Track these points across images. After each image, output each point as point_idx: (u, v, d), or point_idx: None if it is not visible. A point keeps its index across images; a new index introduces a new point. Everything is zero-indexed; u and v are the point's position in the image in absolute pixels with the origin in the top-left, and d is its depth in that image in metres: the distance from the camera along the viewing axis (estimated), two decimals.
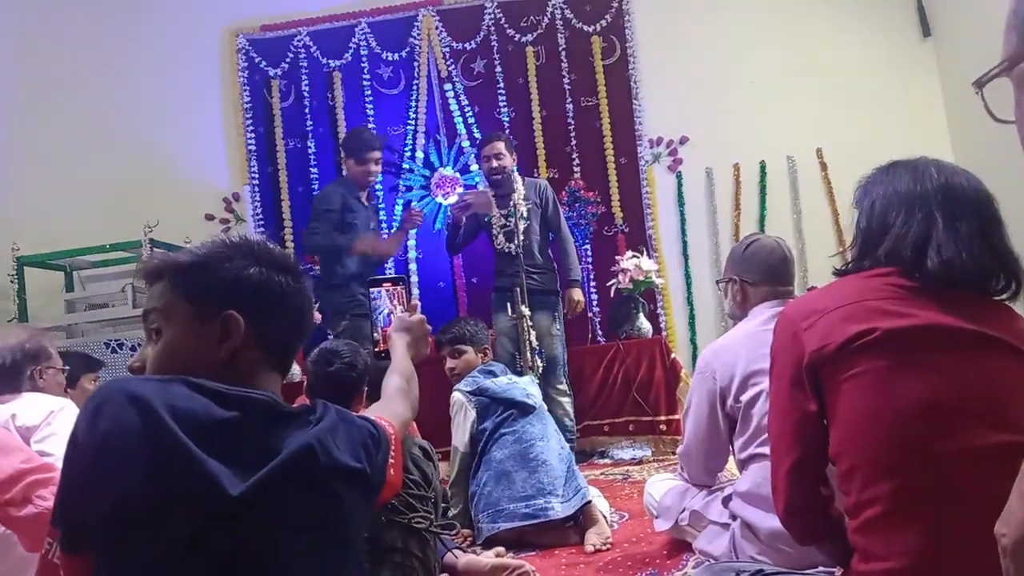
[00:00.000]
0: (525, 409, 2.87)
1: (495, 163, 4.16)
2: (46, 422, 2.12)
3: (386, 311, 1.63)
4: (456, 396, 2.98)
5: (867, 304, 1.38)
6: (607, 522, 2.75)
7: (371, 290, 1.66)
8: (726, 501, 2.16)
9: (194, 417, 0.98)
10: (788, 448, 1.46)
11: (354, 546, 1.13)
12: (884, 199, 1.48)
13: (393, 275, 1.72)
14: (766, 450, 1.99)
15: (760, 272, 2.26)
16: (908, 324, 1.34)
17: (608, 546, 2.57)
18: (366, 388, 2.18)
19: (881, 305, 1.37)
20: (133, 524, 0.98)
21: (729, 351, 2.15)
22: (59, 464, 2.05)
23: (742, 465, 2.11)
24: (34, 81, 5.78)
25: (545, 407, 3.04)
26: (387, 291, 1.66)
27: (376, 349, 1.61)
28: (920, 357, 1.33)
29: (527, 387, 2.98)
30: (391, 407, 1.39)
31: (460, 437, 2.92)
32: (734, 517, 2.11)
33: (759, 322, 2.15)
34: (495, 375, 3.04)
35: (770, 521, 1.96)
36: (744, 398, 2.06)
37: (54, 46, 5.81)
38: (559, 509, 2.66)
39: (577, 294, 4.26)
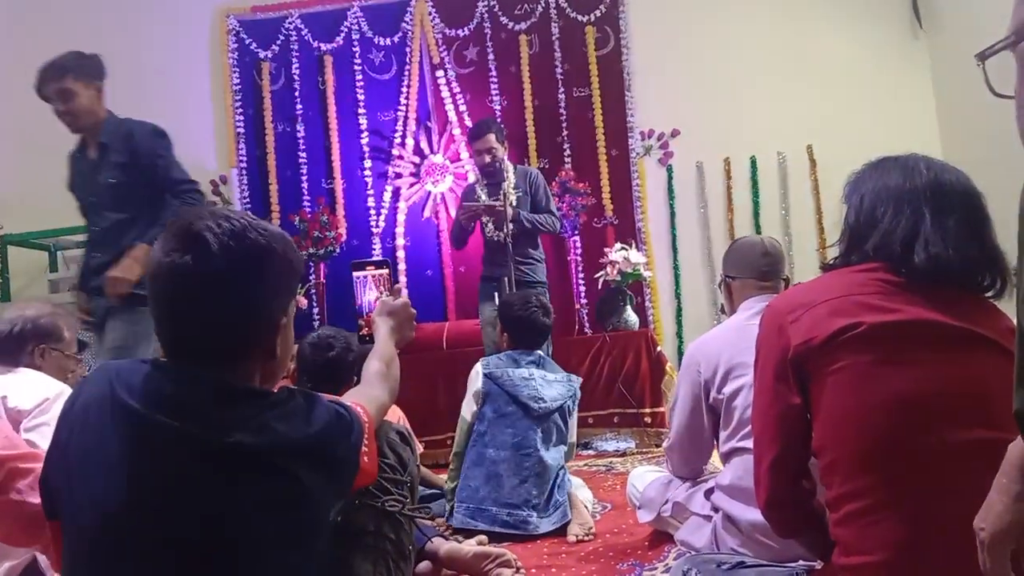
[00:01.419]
0: (528, 411, 2.75)
1: (487, 157, 4.14)
2: (40, 409, 2.02)
3: (371, 296, 1.62)
4: (476, 367, 2.88)
5: (853, 298, 1.38)
6: (589, 512, 2.74)
7: (354, 274, 1.65)
8: (708, 493, 2.16)
9: (143, 389, 1.06)
10: (771, 441, 1.46)
11: (321, 531, 1.13)
12: (873, 194, 1.48)
13: (377, 259, 1.70)
14: (748, 444, 1.99)
15: (743, 268, 2.27)
16: (893, 319, 1.34)
17: (591, 536, 2.57)
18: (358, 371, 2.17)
19: (867, 300, 1.37)
20: (89, 475, 1.04)
21: (713, 345, 2.15)
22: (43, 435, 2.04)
23: (725, 458, 2.12)
24: (20, 59, 5.67)
25: (565, 406, 2.85)
26: (371, 275, 1.64)
27: (360, 333, 1.60)
28: (904, 352, 1.33)
29: (541, 388, 2.79)
30: (369, 392, 1.39)
31: (467, 407, 2.84)
32: (716, 509, 2.11)
33: (744, 316, 2.16)
34: (518, 365, 2.86)
35: (751, 514, 1.96)
36: (727, 391, 2.06)
37: (41, 25, 5.75)
38: (539, 525, 2.64)
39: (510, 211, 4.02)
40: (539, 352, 2.96)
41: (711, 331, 2.25)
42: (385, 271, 1.67)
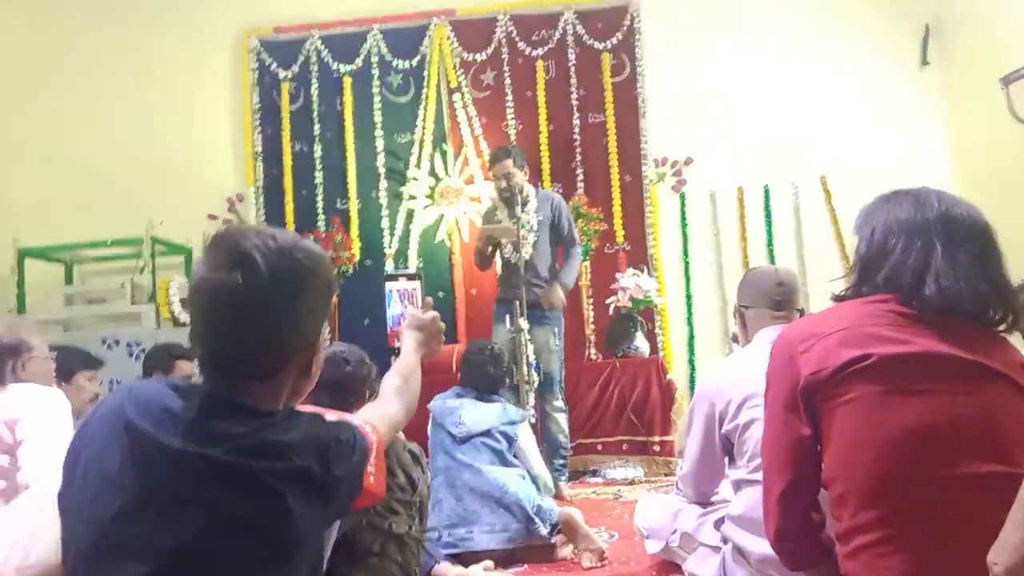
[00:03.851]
0: (452, 436, 2.88)
1: (504, 183, 4.16)
2: (33, 412, 2.13)
3: (398, 308, 1.63)
4: None
5: (864, 330, 1.38)
6: (594, 536, 2.72)
7: (386, 285, 1.66)
8: (718, 524, 2.15)
9: (148, 407, 1.09)
10: (780, 472, 1.45)
11: (306, 554, 1.12)
12: (884, 226, 1.48)
13: (409, 271, 1.71)
14: (759, 475, 1.98)
15: (757, 297, 2.27)
16: (904, 351, 1.34)
17: (605, 562, 2.55)
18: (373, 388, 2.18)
19: (878, 331, 1.37)
20: (82, 480, 1.07)
21: (728, 375, 2.15)
22: (38, 445, 2.07)
23: (736, 487, 2.10)
24: (43, 76, 5.81)
25: (487, 434, 2.93)
26: (400, 289, 1.66)
27: (389, 345, 1.61)
28: (914, 384, 1.33)
29: (463, 415, 2.94)
30: (383, 409, 1.38)
31: None
32: (725, 540, 2.09)
33: (757, 347, 2.15)
34: (461, 396, 3.06)
35: (761, 546, 1.94)
36: (740, 421, 2.05)
37: (64, 42, 5.84)
38: (479, 540, 2.64)
39: (558, 290, 4.12)
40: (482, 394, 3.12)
41: (725, 361, 2.25)
42: (417, 284, 1.68)
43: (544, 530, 2.64)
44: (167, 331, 4.86)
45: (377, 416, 1.31)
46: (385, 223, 5.63)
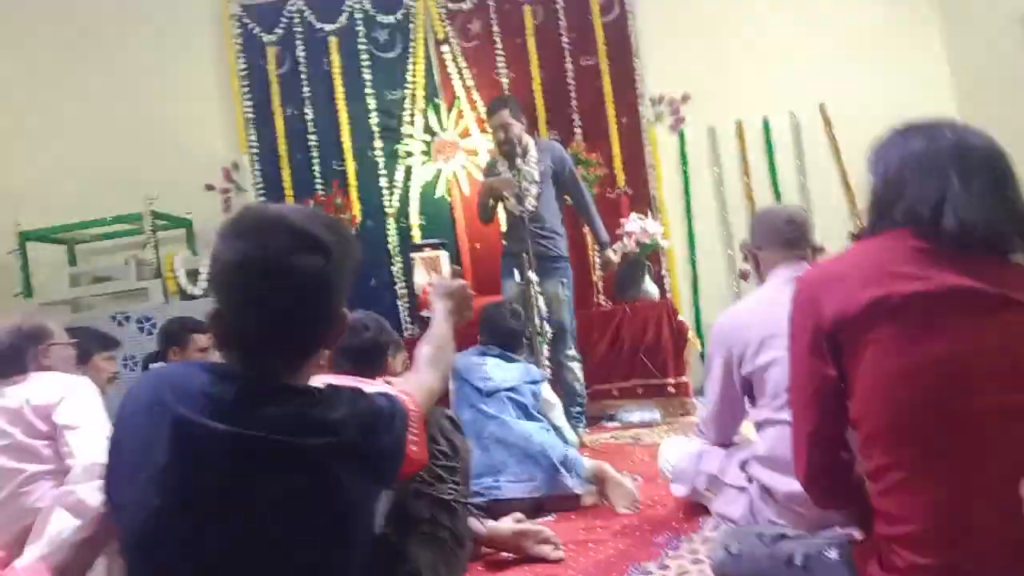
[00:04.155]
0: (478, 390, 2.91)
1: (502, 135, 4.10)
2: (65, 399, 2.16)
3: (423, 277, 1.63)
4: None
5: (884, 268, 1.38)
6: (629, 483, 2.75)
7: (412, 255, 1.66)
8: (743, 464, 2.17)
9: (188, 393, 1.09)
10: (807, 414, 1.47)
11: (361, 525, 1.14)
12: (898, 161, 1.46)
13: (433, 241, 1.71)
14: (782, 415, 2.01)
15: (768, 237, 2.26)
16: (926, 287, 1.33)
17: (638, 507, 2.60)
18: (391, 354, 2.20)
19: (899, 269, 1.36)
20: (134, 479, 1.07)
21: (744, 317, 2.15)
22: (82, 434, 2.11)
23: (759, 428, 2.13)
24: (32, 55, 5.70)
25: (511, 390, 2.97)
26: (425, 257, 1.66)
27: (422, 314, 1.61)
28: (939, 320, 1.33)
29: (490, 371, 2.99)
30: (418, 378, 1.39)
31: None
32: (751, 480, 2.12)
33: (773, 286, 2.15)
34: (485, 355, 3.08)
35: (787, 484, 1.97)
36: (760, 362, 2.06)
37: (51, 19, 5.72)
38: (506, 489, 2.67)
39: (611, 255, 4.30)
40: (505, 352, 3.15)
41: (741, 302, 2.26)
42: (442, 253, 1.67)
43: (570, 480, 2.67)
44: (176, 304, 4.87)
45: (414, 385, 1.32)
46: (384, 182, 5.59)
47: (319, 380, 1.22)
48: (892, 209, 1.43)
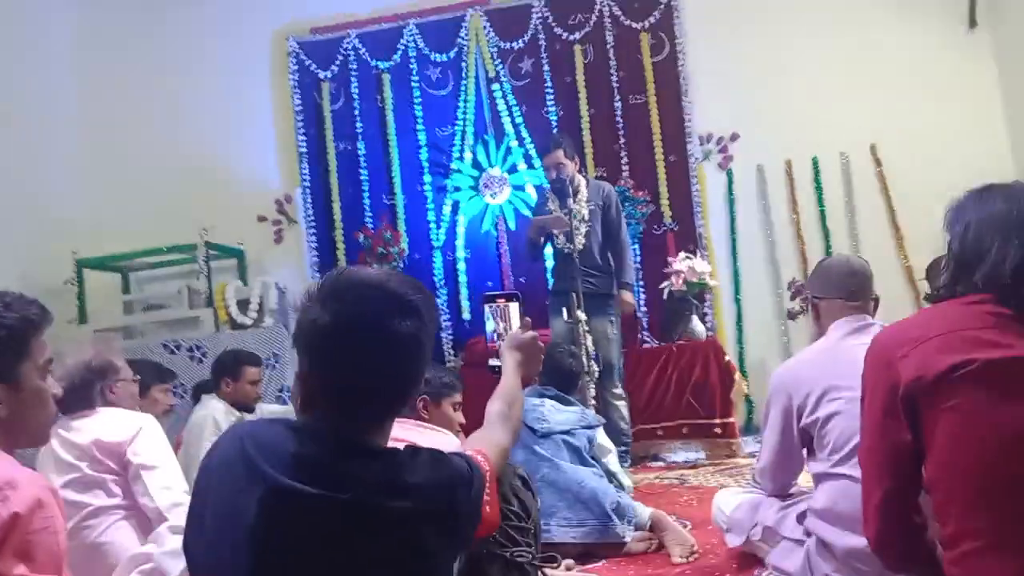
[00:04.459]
0: (533, 431, 2.88)
1: (554, 173, 4.15)
2: (136, 438, 2.22)
3: (496, 327, 1.63)
4: None
5: (965, 333, 1.36)
6: (685, 530, 2.73)
7: (485, 306, 1.67)
8: (801, 517, 2.14)
9: (274, 452, 1.09)
10: (880, 477, 1.45)
11: None
12: (978, 223, 1.45)
13: (507, 291, 1.71)
14: (843, 469, 1.99)
15: (829, 288, 2.24)
16: (1008, 355, 1.32)
17: (696, 556, 2.57)
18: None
19: (979, 334, 1.35)
20: (219, 539, 1.08)
21: (805, 368, 2.13)
22: (159, 474, 2.16)
23: (817, 480, 2.10)
24: (91, 88, 5.91)
25: (567, 434, 2.94)
26: (497, 307, 1.65)
27: (489, 364, 1.61)
28: (1020, 388, 1.31)
29: (547, 413, 2.96)
30: (491, 436, 1.39)
31: None
32: (809, 534, 2.09)
33: (834, 338, 2.13)
34: (543, 396, 3.04)
35: (846, 539, 1.94)
36: (820, 414, 2.04)
37: (110, 52, 5.93)
38: (556, 533, 2.65)
39: (628, 296, 4.23)
40: (562, 394, 3.11)
41: (801, 353, 2.24)
42: (516, 303, 1.67)
43: (620, 528, 2.65)
44: (226, 334, 4.96)
45: (487, 443, 1.32)
46: (431, 216, 5.66)
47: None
48: (972, 273, 1.42)
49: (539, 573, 1.44)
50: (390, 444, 1.18)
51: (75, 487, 2.19)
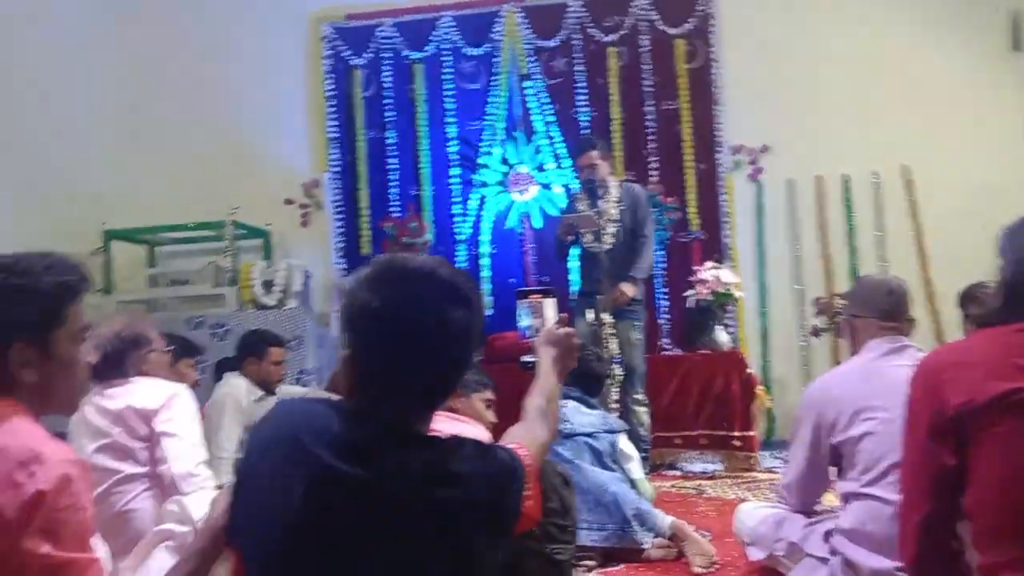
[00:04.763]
0: (559, 432, 2.86)
1: (586, 174, 4.15)
2: (166, 406, 2.26)
3: (530, 323, 1.63)
4: None
5: (1015, 361, 1.36)
6: (706, 540, 2.73)
7: (519, 301, 1.66)
8: (827, 536, 2.14)
9: (321, 434, 1.09)
10: (921, 500, 1.44)
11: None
12: None
13: (541, 288, 1.71)
14: (873, 490, 1.99)
15: (866, 307, 2.24)
16: None
17: (715, 567, 2.57)
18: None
19: None
20: (264, 516, 1.09)
21: (837, 386, 2.13)
22: (178, 443, 2.19)
23: (845, 499, 2.09)
24: (125, 65, 5.94)
25: (590, 436, 2.94)
26: (532, 303, 1.65)
27: (522, 360, 1.61)
28: None
29: (570, 415, 2.94)
30: (531, 431, 1.39)
31: None
32: (834, 552, 2.09)
33: (869, 357, 2.13)
34: (567, 397, 3.00)
35: (873, 560, 1.94)
36: (852, 433, 2.04)
37: (145, 32, 5.96)
38: (576, 535, 2.64)
39: (628, 288, 4.08)
40: (585, 397, 3.11)
41: (835, 370, 2.24)
42: (551, 298, 1.67)
43: (640, 534, 2.65)
44: (249, 313, 4.99)
45: (528, 438, 1.32)
46: (457, 209, 5.67)
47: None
48: (1023, 302, 1.42)
49: (574, 569, 1.44)
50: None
51: (106, 453, 2.23)
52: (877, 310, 2.22)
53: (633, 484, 2.91)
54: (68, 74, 5.62)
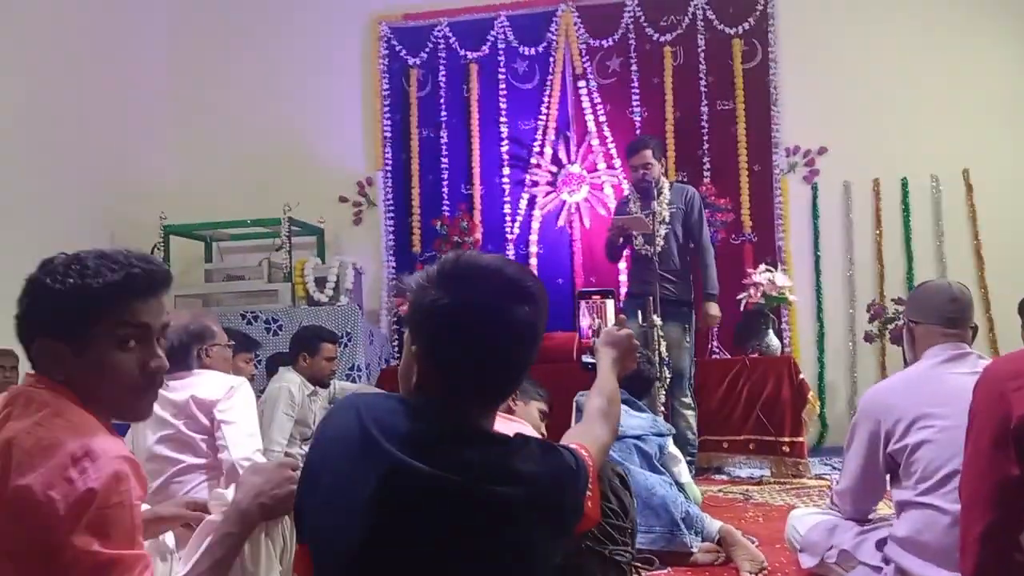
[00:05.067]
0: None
1: (641, 172, 4.12)
2: (227, 396, 2.32)
3: (590, 323, 1.64)
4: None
5: None
6: (752, 546, 2.70)
7: (580, 302, 1.68)
8: (880, 544, 2.10)
9: (392, 429, 1.11)
10: (983, 509, 1.41)
11: (539, 574, 1.14)
12: None
13: (602, 289, 1.71)
14: (929, 499, 1.95)
15: (928, 313, 2.19)
16: None
17: (764, 572, 2.54)
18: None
19: None
20: (335, 510, 1.11)
21: (896, 392, 2.09)
22: (237, 431, 2.24)
23: (900, 508, 2.05)
24: (185, 61, 6.09)
25: (639, 439, 2.92)
26: (592, 303, 1.66)
27: (582, 361, 1.61)
28: None
29: (621, 417, 2.92)
30: (592, 431, 1.39)
31: None
32: (887, 561, 2.05)
33: (929, 364, 2.09)
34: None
35: (928, 570, 1.91)
36: (910, 441, 2.00)
37: (205, 31, 6.12)
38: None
39: (714, 308, 4.18)
40: (632, 399, 3.06)
41: (893, 377, 2.19)
42: (610, 300, 1.68)
43: (688, 538, 2.63)
44: (302, 309, 5.07)
45: (589, 439, 1.32)
46: (507, 208, 5.69)
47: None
48: None
49: (632, 570, 1.44)
50: None
51: (169, 444, 2.29)
52: (940, 317, 2.17)
53: (680, 488, 2.89)
54: (130, 72, 5.77)
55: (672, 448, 3.00)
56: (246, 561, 1.40)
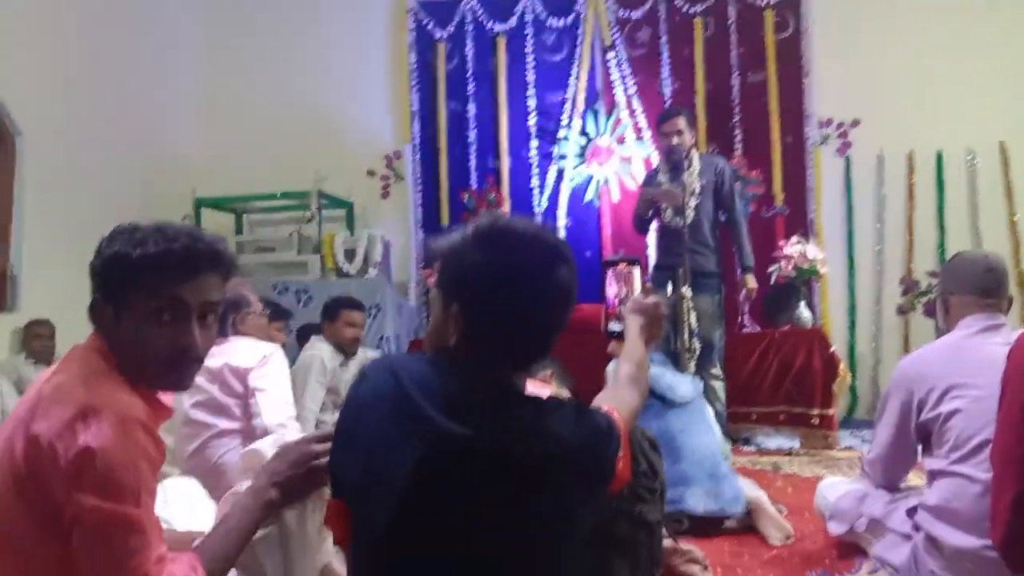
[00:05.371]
0: (665, 401, 2.85)
1: (674, 140, 4.08)
2: (261, 363, 2.37)
3: (617, 291, 1.65)
4: None
5: None
6: (782, 516, 2.72)
7: (607, 270, 1.69)
8: (911, 512, 2.11)
9: (427, 387, 1.12)
10: (1013, 479, 1.42)
11: (578, 536, 1.16)
12: None
13: (628, 257, 1.73)
14: (961, 468, 1.94)
15: (963, 284, 2.17)
16: None
17: (791, 540, 2.56)
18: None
19: None
20: (375, 471, 1.12)
21: (929, 362, 2.08)
22: (271, 397, 2.27)
23: (931, 477, 2.05)
24: (216, 39, 6.13)
25: (696, 403, 2.97)
26: (619, 271, 1.67)
27: (608, 328, 1.63)
28: None
29: (674, 382, 2.93)
30: (623, 396, 1.40)
31: None
32: (917, 529, 2.06)
33: (963, 334, 2.07)
34: (653, 363, 3.02)
35: (957, 538, 1.91)
36: (942, 410, 1.99)
37: (237, 6, 6.13)
38: (693, 503, 2.64)
39: (751, 280, 4.19)
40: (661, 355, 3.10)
41: (926, 347, 2.18)
42: (636, 268, 1.69)
43: (739, 507, 2.66)
44: (332, 281, 5.13)
45: (619, 402, 1.34)
46: (535, 181, 5.69)
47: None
48: None
49: (662, 530, 1.46)
50: None
51: (203, 409, 2.34)
52: (975, 288, 2.15)
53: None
54: (163, 48, 5.82)
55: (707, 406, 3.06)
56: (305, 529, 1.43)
